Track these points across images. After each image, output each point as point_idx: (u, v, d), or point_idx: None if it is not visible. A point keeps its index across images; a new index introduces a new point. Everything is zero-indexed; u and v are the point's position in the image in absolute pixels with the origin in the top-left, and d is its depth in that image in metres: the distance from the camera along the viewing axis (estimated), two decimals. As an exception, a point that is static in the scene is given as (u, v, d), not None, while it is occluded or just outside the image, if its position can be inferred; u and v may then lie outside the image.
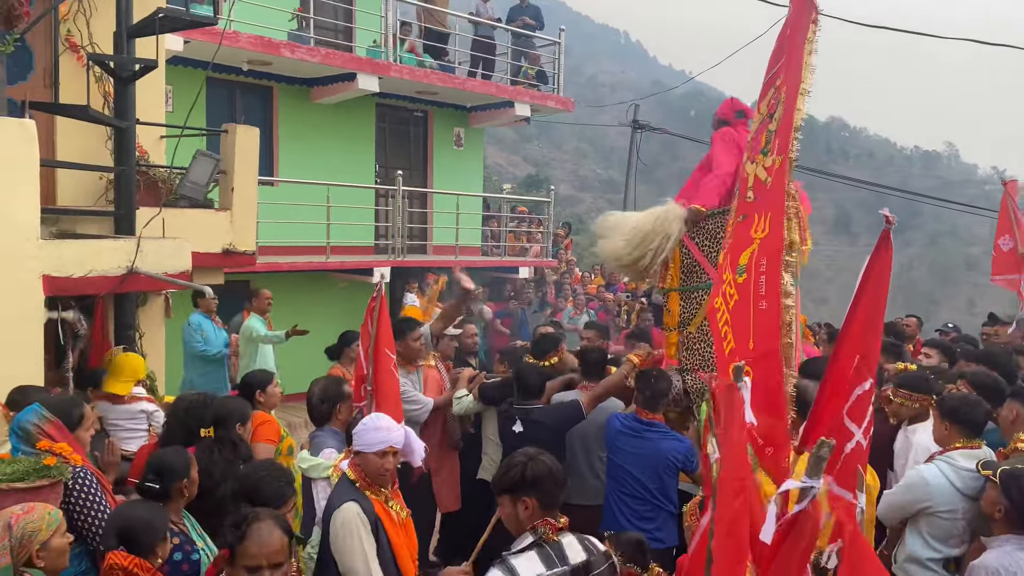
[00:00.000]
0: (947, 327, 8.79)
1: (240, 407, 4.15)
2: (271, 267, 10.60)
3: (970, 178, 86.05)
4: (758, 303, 2.72)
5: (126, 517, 2.92)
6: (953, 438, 3.85)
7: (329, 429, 4.31)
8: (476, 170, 15.08)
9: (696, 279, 5.07)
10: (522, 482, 2.89)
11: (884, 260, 2.99)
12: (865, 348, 2.89)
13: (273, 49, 10.40)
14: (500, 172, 54.69)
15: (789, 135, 2.61)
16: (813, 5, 2.61)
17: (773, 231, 2.69)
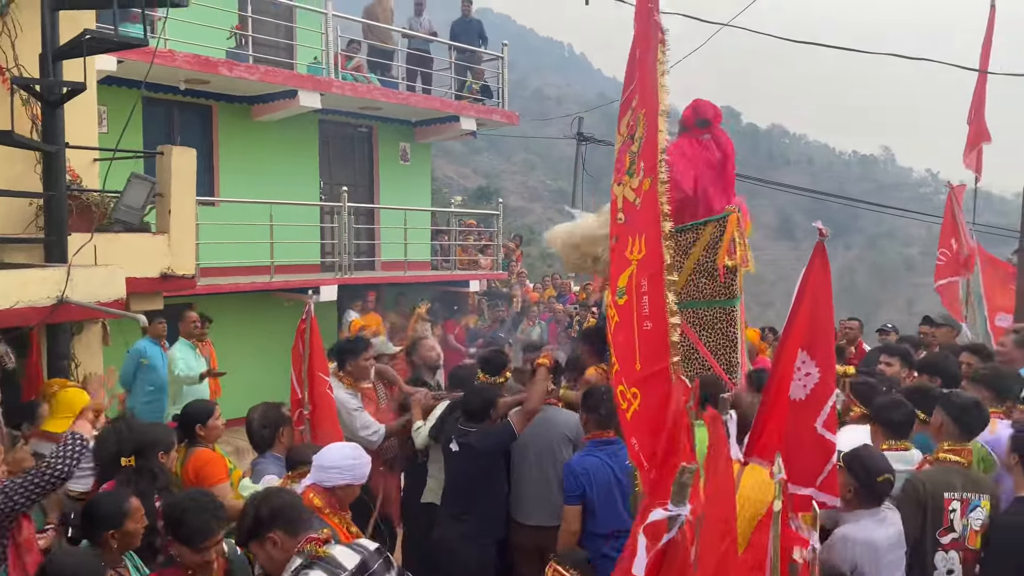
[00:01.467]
0: (886, 328, 9.01)
1: (164, 435, 4.01)
2: (213, 289, 10.39)
3: (906, 181, 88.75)
4: (642, 324, 2.75)
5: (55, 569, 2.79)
6: (879, 439, 3.92)
7: (271, 455, 4.22)
8: (423, 184, 15.03)
9: None
10: (258, 525, 2.91)
11: (820, 271, 3.06)
12: (825, 361, 2.95)
13: (211, 67, 10.22)
14: (450, 185, 54.62)
15: (655, 156, 2.65)
16: (659, 27, 2.64)
17: (650, 252, 2.73)
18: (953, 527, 3.56)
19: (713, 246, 4.86)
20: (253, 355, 11.15)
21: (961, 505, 3.57)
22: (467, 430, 4.76)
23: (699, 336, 4.80)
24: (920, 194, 77.87)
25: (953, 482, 3.58)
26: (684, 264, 4.94)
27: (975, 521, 3.58)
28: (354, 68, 12.38)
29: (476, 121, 13.93)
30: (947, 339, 7.11)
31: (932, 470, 3.68)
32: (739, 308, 4.87)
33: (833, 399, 3.06)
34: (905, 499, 3.61)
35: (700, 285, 4.87)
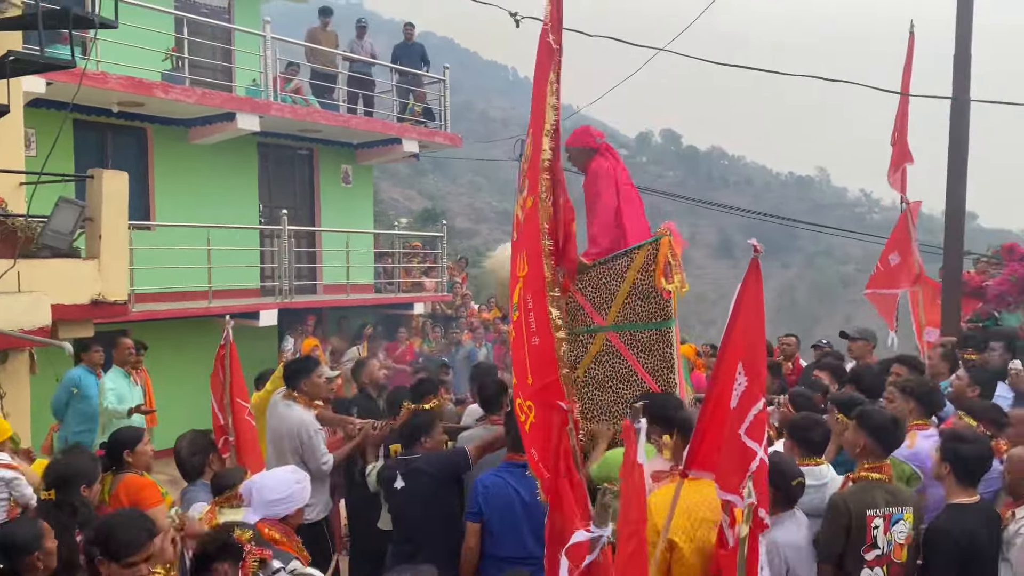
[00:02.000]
0: (821, 343, 9.23)
1: (87, 468, 3.89)
2: (149, 315, 10.17)
3: (841, 201, 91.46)
4: (531, 339, 2.81)
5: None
6: (795, 456, 3.98)
7: (201, 483, 4.14)
8: (366, 207, 14.96)
9: (580, 323, 5.14)
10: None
11: (755, 286, 3.15)
12: (753, 370, 3.02)
13: (145, 90, 10.06)
14: (396, 207, 54.47)
15: (537, 175, 2.71)
16: (555, 51, 2.68)
17: (532, 269, 2.78)
18: (877, 543, 3.60)
19: (647, 269, 4.94)
20: (191, 383, 10.87)
21: (884, 521, 3.62)
22: (409, 457, 4.62)
23: (637, 358, 4.85)
24: (855, 213, 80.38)
25: (875, 499, 3.63)
26: (620, 288, 5.01)
27: (899, 535, 3.65)
28: (293, 90, 12.31)
29: (419, 143, 13.94)
30: (863, 352, 7.31)
31: (854, 488, 3.72)
32: (674, 329, 4.95)
33: (757, 408, 3.11)
34: (829, 518, 3.65)
35: (636, 308, 4.93)
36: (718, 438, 3.16)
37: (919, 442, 4.24)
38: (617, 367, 4.83)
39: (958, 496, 3.67)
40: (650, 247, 4.97)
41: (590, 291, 5.15)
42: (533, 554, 3.98)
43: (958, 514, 3.64)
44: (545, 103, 2.72)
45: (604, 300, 5.09)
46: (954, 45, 8.27)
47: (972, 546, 3.55)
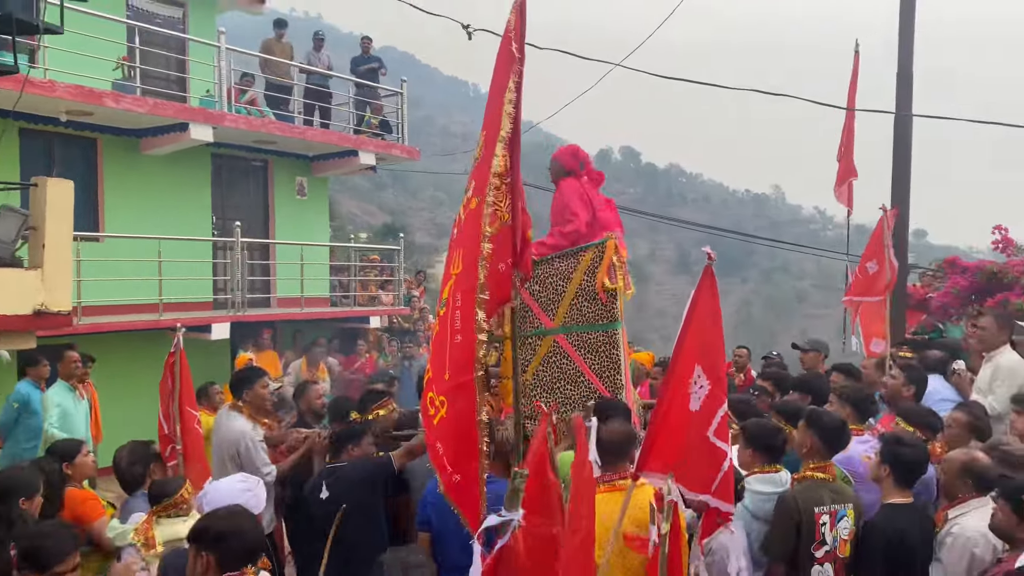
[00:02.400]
0: (771, 355, 9.39)
1: (26, 480, 3.80)
2: (97, 328, 9.96)
3: (796, 218, 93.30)
4: (454, 336, 2.85)
5: None
6: (754, 463, 4.07)
7: (142, 494, 4.05)
8: (321, 219, 14.86)
9: (529, 325, 5.16)
10: (205, 534, 2.81)
11: (709, 292, 3.22)
12: (714, 374, 3.08)
13: (95, 99, 9.89)
14: (355, 221, 54.17)
15: (486, 179, 2.73)
16: (516, 59, 2.71)
17: (467, 269, 2.80)
18: (825, 540, 3.72)
19: (592, 271, 4.99)
20: (140, 397, 10.66)
21: (830, 518, 3.74)
22: (334, 466, 4.55)
23: (584, 359, 4.89)
24: (810, 230, 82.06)
25: (822, 496, 3.75)
26: (566, 289, 5.05)
27: (843, 531, 3.77)
28: (248, 101, 12.21)
29: (376, 156, 13.90)
30: (814, 363, 7.45)
31: (802, 487, 3.83)
32: (621, 331, 5.00)
33: (723, 410, 3.18)
34: (780, 518, 3.75)
35: (582, 309, 4.98)
36: (676, 441, 3.20)
37: (852, 447, 4.33)
38: (565, 368, 4.88)
39: (894, 497, 3.79)
40: (596, 249, 5.03)
41: (538, 291, 5.18)
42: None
43: (893, 513, 3.76)
44: (501, 110, 2.74)
45: (551, 302, 5.13)
46: (897, 60, 8.53)
47: (903, 544, 3.66)
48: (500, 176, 2.69)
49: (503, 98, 2.71)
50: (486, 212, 2.71)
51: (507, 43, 2.74)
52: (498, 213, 2.76)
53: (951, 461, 3.84)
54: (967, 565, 3.53)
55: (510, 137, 2.74)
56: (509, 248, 2.77)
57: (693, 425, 3.13)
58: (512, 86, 2.67)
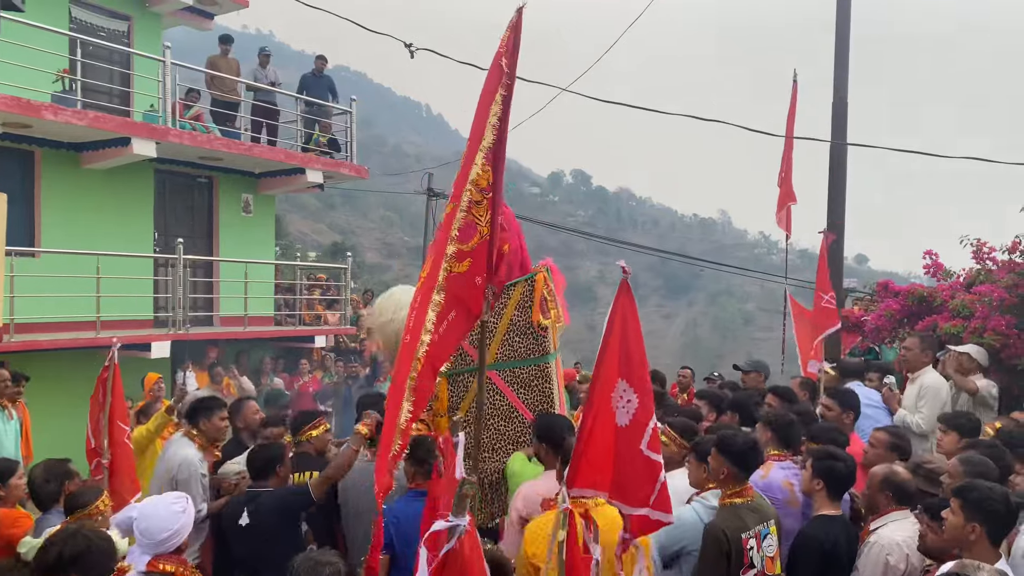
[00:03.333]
0: (713, 376, 9.56)
1: None
2: (30, 345, 9.68)
3: (741, 241, 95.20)
4: (405, 335, 2.88)
5: None
6: (707, 479, 4.09)
7: (56, 511, 3.96)
8: (267, 237, 14.69)
9: (461, 363, 5.17)
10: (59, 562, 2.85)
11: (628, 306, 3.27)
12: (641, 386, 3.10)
13: (33, 111, 9.68)
14: (304, 240, 53.67)
15: (463, 185, 2.78)
16: (503, 73, 2.76)
17: (431, 272, 2.85)
18: (753, 563, 3.74)
19: (524, 306, 5.02)
20: (74, 417, 10.35)
21: (756, 540, 3.77)
22: (256, 491, 4.51)
23: (517, 395, 4.91)
24: (755, 254, 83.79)
25: (746, 521, 3.76)
26: (498, 325, 5.08)
27: (768, 549, 3.82)
28: (193, 117, 12.06)
29: (324, 174, 13.83)
30: (756, 383, 7.61)
31: (725, 514, 3.81)
32: (554, 364, 5.03)
33: (653, 422, 3.19)
34: (710, 549, 3.72)
35: (515, 344, 4.99)
36: (604, 456, 3.22)
37: (773, 472, 4.41)
38: (498, 404, 4.88)
39: (826, 509, 3.93)
40: (525, 284, 5.07)
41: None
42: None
43: (826, 524, 3.88)
44: (487, 119, 2.77)
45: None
46: (832, 91, 8.84)
47: (834, 554, 3.79)
48: (481, 189, 2.72)
49: (489, 110, 2.74)
50: (458, 216, 2.75)
51: (498, 57, 2.77)
52: (477, 227, 2.79)
53: (873, 475, 3.99)
54: (881, 573, 3.67)
55: (492, 149, 2.77)
56: (485, 262, 2.80)
57: (622, 440, 3.14)
58: (499, 99, 2.71)
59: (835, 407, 5.46)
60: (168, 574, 3.29)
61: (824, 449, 4.15)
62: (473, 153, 2.81)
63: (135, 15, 12.54)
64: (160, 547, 3.33)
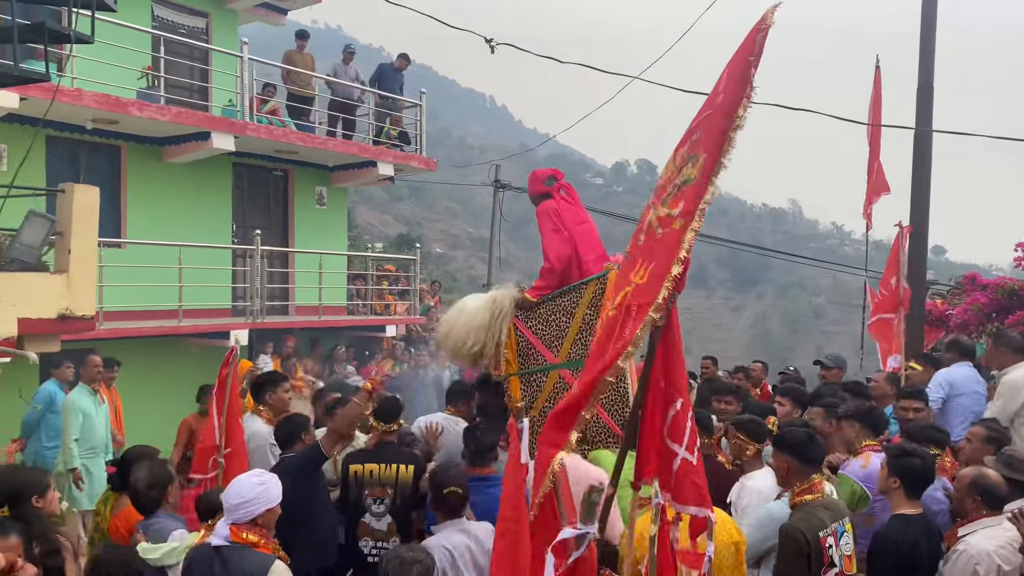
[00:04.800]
0: (788, 370, 9.36)
1: (36, 479, 3.83)
2: (117, 333, 10.07)
3: (813, 233, 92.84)
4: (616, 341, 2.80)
5: None
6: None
7: (163, 513, 4.01)
8: (340, 229, 14.97)
9: (533, 362, 5.17)
10: None
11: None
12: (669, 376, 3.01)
13: (120, 107, 10.04)
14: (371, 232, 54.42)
15: (697, 203, 2.61)
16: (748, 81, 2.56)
17: (651, 282, 2.73)
18: (834, 562, 3.62)
19: (596, 304, 4.99)
20: (157, 402, 10.78)
21: (834, 538, 3.65)
22: (281, 457, 4.68)
23: None
24: (827, 245, 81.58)
25: (822, 519, 3.64)
26: (570, 325, 5.05)
27: (846, 547, 3.68)
28: (269, 111, 12.34)
29: (394, 167, 14.01)
30: (836, 380, 7.43)
31: (801, 515, 3.69)
32: (629, 363, 4.98)
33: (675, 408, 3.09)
34: (789, 552, 3.61)
35: (587, 344, 4.96)
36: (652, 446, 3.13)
37: (873, 461, 4.30)
38: None
39: (904, 508, 3.79)
40: (598, 282, 5.04)
41: (541, 329, 5.20)
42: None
43: (903, 525, 3.74)
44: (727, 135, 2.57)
45: (555, 338, 5.14)
46: (917, 76, 8.51)
47: (913, 555, 3.66)
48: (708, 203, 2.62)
49: (730, 123, 2.56)
50: (687, 238, 2.63)
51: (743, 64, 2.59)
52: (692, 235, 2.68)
53: (961, 478, 3.84)
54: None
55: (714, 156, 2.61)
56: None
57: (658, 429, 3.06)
58: (742, 113, 2.52)
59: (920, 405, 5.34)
60: (250, 543, 3.37)
61: (899, 445, 4.04)
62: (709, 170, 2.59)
63: (213, 12, 12.88)
64: (235, 513, 3.41)
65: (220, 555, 3.35)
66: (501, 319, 5.22)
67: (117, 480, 4.42)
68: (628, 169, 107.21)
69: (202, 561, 3.37)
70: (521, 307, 5.26)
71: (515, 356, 5.24)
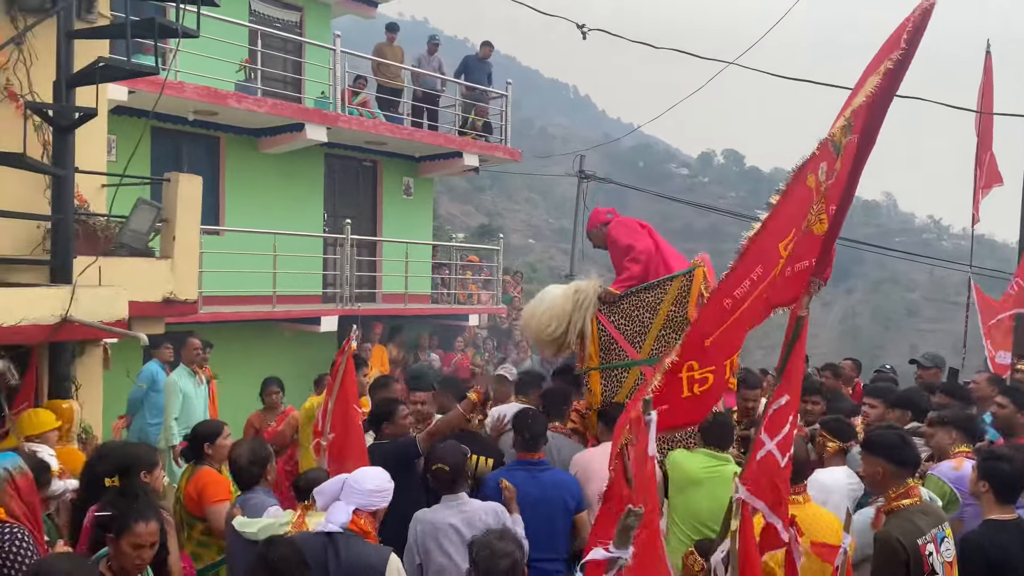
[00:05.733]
0: (884, 368, 9.02)
1: (146, 454, 4.02)
2: (215, 317, 10.47)
3: (907, 226, 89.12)
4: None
5: (47, 570, 2.78)
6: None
7: (261, 489, 4.15)
8: (425, 219, 15.17)
9: (615, 357, 5.14)
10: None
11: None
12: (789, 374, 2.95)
13: (220, 99, 10.42)
14: (453, 222, 54.94)
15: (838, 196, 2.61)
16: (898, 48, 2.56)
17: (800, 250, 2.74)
18: (935, 569, 3.45)
19: (682, 300, 4.93)
20: (251, 385, 11.16)
21: (934, 545, 3.48)
22: (373, 445, 4.80)
23: None
24: (923, 240, 78.23)
25: (920, 526, 3.48)
26: (652, 321, 5.00)
27: (947, 554, 3.51)
28: (360, 103, 12.60)
29: (479, 157, 14.10)
30: (934, 379, 7.14)
31: (897, 521, 3.52)
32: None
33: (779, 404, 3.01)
34: (885, 560, 3.46)
35: (670, 340, 4.91)
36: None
37: (967, 465, 4.14)
38: None
39: (995, 513, 3.67)
40: (684, 278, 4.98)
41: (623, 324, 5.16)
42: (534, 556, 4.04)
43: (994, 530, 3.62)
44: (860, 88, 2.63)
45: (638, 333, 5.10)
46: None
47: (1006, 562, 3.53)
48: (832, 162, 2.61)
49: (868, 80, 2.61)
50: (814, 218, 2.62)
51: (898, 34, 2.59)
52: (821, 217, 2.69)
53: None
54: None
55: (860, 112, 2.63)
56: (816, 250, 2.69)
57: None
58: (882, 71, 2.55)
59: (1008, 404, 5.05)
60: (364, 532, 3.42)
61: (990, 448, 3.92)
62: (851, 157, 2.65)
63: (306, 5, 13.20)
64: (366, 498, 3.48)
65: (334, 542, 3.34)
66: (584, 309, 5.25)
67: (189, 453, 4.61)
68: (714, 159, 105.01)
69: (314, 547, 3.33)
70: (604, 301, 5.27)
71: (597, 350, 5.26)
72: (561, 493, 4.38)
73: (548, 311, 5.37)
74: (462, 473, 4.12)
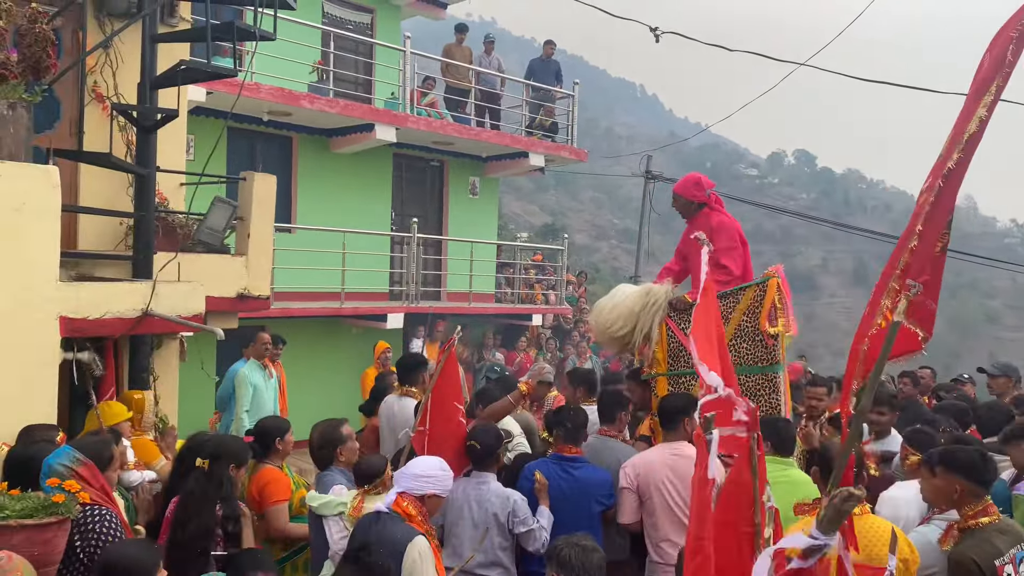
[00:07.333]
0: (962, 378, 8.70)
1: (241, 450, 4.17)
2: (285, 312, 10.72)
3: (988, 231, 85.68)
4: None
5: (115, 555, 2.84)
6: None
7: (336, 469, 4.37)
8: (491, 218, 15.25)
9: (683, 364, 5.07)
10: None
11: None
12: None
13: (293, 100, 10.66)
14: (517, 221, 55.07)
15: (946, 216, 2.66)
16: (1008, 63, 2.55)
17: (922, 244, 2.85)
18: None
19: (753, 311, 4.84)
20: (319, 379, 11.43)
21: (1012, 566, 3.33)
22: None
23: None
24: (1004, 244, 75.10)
25: (998, 546, 3.32)
26: (725, 331, 4.92)
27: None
28: (428, 104, 12.74)
29: (544, 157, 14.11)
30: (1004, 389, 6.90)
31: (973, 541, 3.37)
32: (782, 375, 4.81)
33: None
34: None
35: (741, 351, 4.83)
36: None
37: None
38: None
39: None
40: (757, 288, 4.88)
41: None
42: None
43: None
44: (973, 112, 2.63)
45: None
46: None
47: None
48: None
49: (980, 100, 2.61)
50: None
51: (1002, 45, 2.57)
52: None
53: None
54: None
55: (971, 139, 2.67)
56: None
57: None
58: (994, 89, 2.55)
59: None
60: (406, 514, 3.55)
61: None
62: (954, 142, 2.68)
63: (377, 7, 13.40)
64: (410, 481, 3.62)
65: (379, 520, 3.58)
66: (652, 311, 5.22)
67: (255, 447, 4.69)
68: (785, 160, 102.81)
69: (364, 524, 3.63)
70: (675, 307, 5.22)
71: (665, 356, 5.22)
72: (592, 492, 4.46)
73: (616, 309, 5.38)
74: (492, 454, 4.40)
